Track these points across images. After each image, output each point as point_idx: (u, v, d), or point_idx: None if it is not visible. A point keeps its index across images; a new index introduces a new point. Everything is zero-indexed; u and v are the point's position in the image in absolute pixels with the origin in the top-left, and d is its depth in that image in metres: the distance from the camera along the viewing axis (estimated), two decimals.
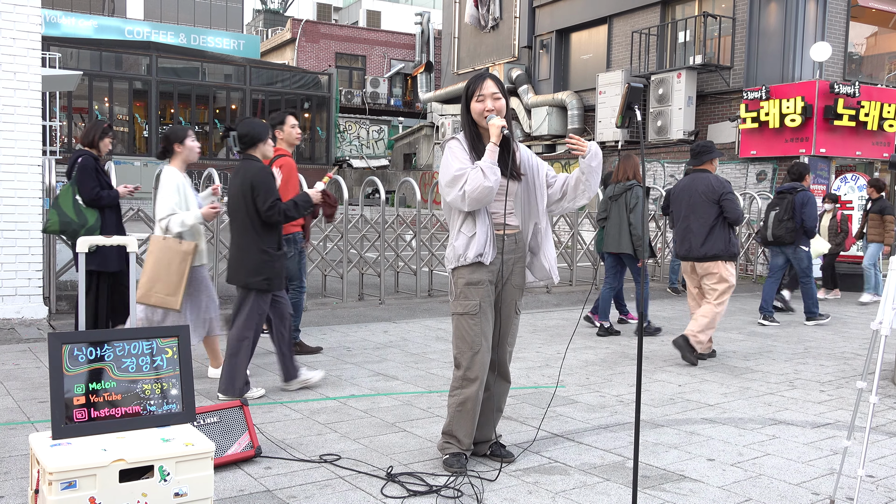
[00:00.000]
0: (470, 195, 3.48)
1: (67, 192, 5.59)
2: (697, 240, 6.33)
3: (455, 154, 3.61)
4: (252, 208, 4.66)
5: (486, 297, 3.64)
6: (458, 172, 3.53)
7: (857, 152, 13.61)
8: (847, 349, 7.21)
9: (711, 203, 6.29)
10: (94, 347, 3.00)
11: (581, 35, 19.60)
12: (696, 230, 6.34)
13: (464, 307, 3.63)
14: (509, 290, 3.75)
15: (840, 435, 4.41)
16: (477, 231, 3.59)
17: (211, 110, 27.19)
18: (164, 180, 5.04)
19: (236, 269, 4.75)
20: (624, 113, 3.51)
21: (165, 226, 4.96)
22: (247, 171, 4.70)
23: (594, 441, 4.22)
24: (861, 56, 16.35)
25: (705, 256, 6.31)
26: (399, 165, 28.11)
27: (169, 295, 4.91)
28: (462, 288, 3.64)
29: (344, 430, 4.31)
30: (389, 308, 9.01)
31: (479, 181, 3.47)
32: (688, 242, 6.41)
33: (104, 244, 4.30)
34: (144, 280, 4.90)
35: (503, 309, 3.76)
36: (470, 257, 3.59)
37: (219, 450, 3.62)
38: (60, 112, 22.52)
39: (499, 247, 3.65)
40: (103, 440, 2.84)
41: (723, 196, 6.27)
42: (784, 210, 8.47)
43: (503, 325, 3.77)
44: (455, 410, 3.70)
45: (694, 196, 6.38)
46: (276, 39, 34.91)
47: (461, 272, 3.64)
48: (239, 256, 4.74)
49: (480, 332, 3.63)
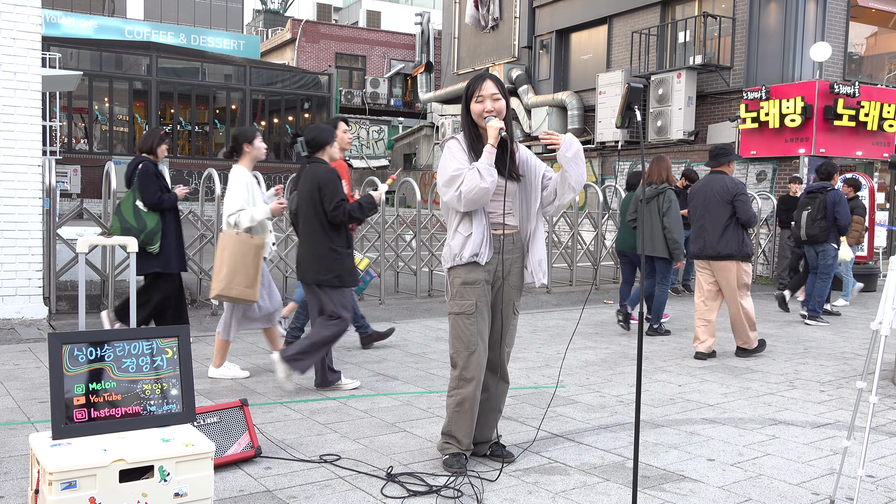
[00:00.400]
0: (466, 196, 3.49)
1: (128, 198, 5.80)
2: (712, 239, 6.52)
3: (453, 154, 3.61)
4: (320, 208, 4.84)
5: (483, 297, 3.64)
6: (455, 173, 3.53)
7: (857, 152, 13.61)
8: (847, 349, 7.21)
9: (725, 203, 6.47)
10: (95, 347, 3.00)
11: (581, 35, 19.60)
12: (710, 229, 6.53)
13: (460, 307, 3.63)
14: (507, 291, 3.75)
15: (840, 435, 4.41)
16: (473, 231, 3.59)
17: (211, 110, 27.19)
18: (233, 178, 5.26)
19: (307, 267, 4.94)
20: (624, 113, 3.51)
21: (234, 221, 5.17)
22: (315, 174, 4.88)
23: (594, 441, 4.23)
24: (861, 56, 16.36)
25: (719, 255, 6.49)
26: (399, 166, 28.11)
27: (248, 287, 5.16)
28: (458, 287, 3.64)
29: (344, 431, 4.31)
30: (389, 308, 9.01)
31: (476, 182, 3.47)
32: (702, 241, 6.60)
33: (104, 244, 4.33)
34: (224, 274, 5.08)
35: (501, 309, 3.76)
36: (466, 257, 3.59)
37: (219, 450, 3.62)
38: (60, 112, 22.54)
39: (496, 247, 3.66)
40: (103, 440, 2.85)
41: (736, 197, 6.45)
42: (816, 209, 8.53)
43: (501, 325, 3.76)
44: (453, 411, 3.70)
45: (709, 196, 6.57)
46: (276, 40, 34.92)
47: (457, 271, 3.64)
48: (309, 255, 4.92)
49: (477, 331, 3.63)
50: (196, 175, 25.15)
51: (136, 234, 5.59)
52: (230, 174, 5.30)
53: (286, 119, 28.29)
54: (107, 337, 3.05)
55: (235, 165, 5.38)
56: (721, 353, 6.84)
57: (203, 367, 5.66)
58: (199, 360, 5.86)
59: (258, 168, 4.84)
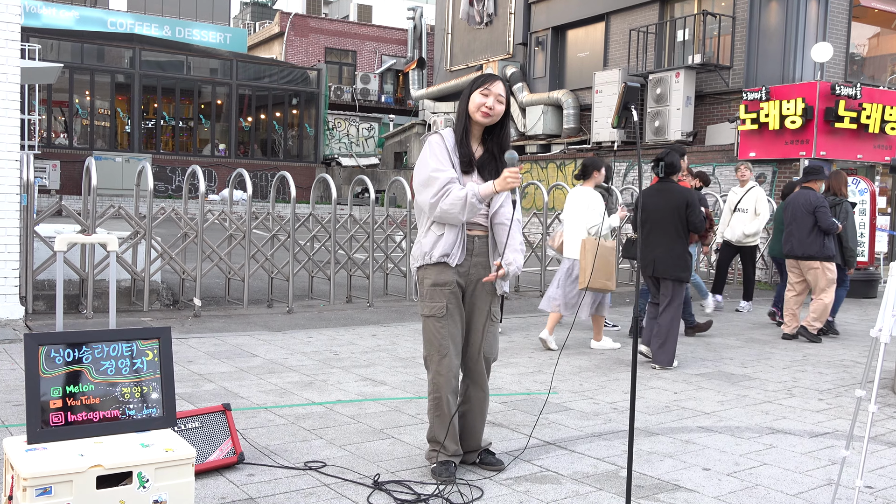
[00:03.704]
0: (441, 210, 3.47)
1: None
2: (797, 242, 7.98)
3: (434, 152, 3.55)
4: (685, 220, 6.25)
5: (454, 300, 3.61)
6: (435, 174, 3.48)
7: (858, 155, 13.69)
8: (846, 357, 7.24)
9: (809, 214, 7.89)
10: (72, 349, 2.99)
11: (577, 32, 19.65)
12: (797, 234, 7.99)
13: (430, 309, 3.61)
14: (481, 296, 3.70)
15: (839, 444, 4.43)
16: (447, 231, 3.56)
17: (196, 105, 27.11)
18: (585, 198, 7.00)
19: (671, 266, 6.31)
20: (620, 113, 3.52)
21: (596, 231, 6.84)
22: (679, 192, 6.36)
23: (587, 449, 4.23)
24: (863, 57, 16.46)
25: (803, 256, 7.97)
26: (389, 164, 28.11)
27: (608, 280, 6.83)
28: (428, 289, 3.62)
29: (330, 437, 4.30)
30: (378, 311, 9.01)
31: (456, 210, 3.44)
32: (790, 244, 8.09)
33: (83, 242, 4.31)
34: (592, 271, 6.64)
35: (475, 315, 3.71)
36: (435, 256, 3.56)
37: (200, 456, 3.60)
38: (39, 105, 22.44)
39: (470, 249, 3.63)
40: (80, 445, 2.83)
41: (816, 209, 7.84)
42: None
43: (473, 333, 3.72)
44: (434, 416, 3.70)
45: (796, 208, 8.01)
46: (263, 33, 34.84)
47: (427, 272, 3.62)
48: (672, 257, 6.31)
49: (448, 335, 3.61)
50: (179, 172, 25.07)
51: None
52: (578, 193, 7.06)
53: (273, 115, 28.24)
54: (85, 338, 3.04)
55: (581, 187, 7.13)
56: (718, 359, 6.86)
57: (185, 371, 5.65)
58: (181, 363, 5.84)
59: (246, 165, 4.82)
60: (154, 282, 8.35)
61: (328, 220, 9.58)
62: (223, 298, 9.13)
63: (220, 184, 25.11)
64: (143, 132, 26.04)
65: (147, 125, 26.25)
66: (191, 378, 5.49)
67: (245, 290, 8.56)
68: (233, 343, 6.83)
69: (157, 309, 8.27)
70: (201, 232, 8.21)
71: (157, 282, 8.47)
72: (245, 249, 8.54)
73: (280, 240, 9.44)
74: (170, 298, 8.67)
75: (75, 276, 7.81)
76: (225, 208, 9.25)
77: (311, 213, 9.82)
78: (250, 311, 8.49)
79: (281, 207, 17.71)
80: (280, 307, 8.81)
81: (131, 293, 8.36)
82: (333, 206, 9.34)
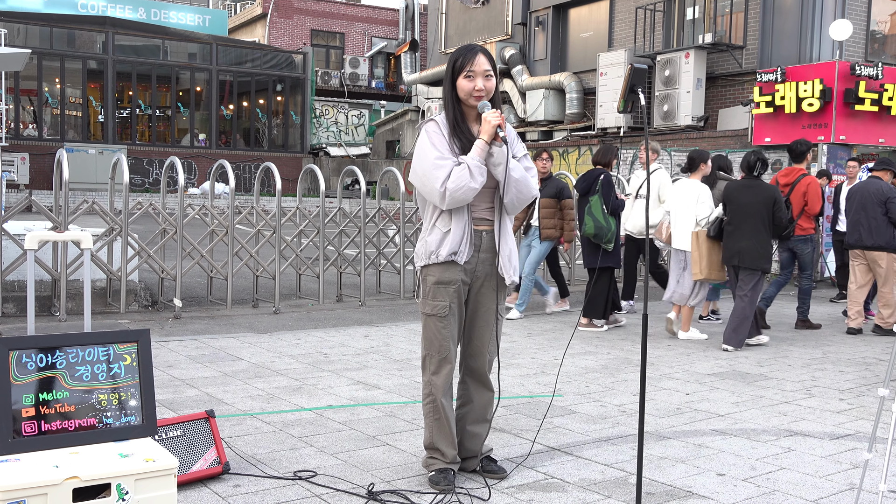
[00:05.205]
0: (452, 194, 3.45)
1: (598, 203, 7.86)
2: (866, 232, 8.16)
3: (432, 140, 3.56)
4: (771, 215, 7.16)
5: (457, 299, 3.63)
6: (439, 162, 3.49)
7: (880, 140, 13.71)
8: (868, 354, 7.27)
9: (879, 203, 8.10)
10: (45, 354, 2.99)
11: (580, 11, 19.64)
12: (864, 224, 8.17)
13: (432, 308, 3.63)
14: (487, 293, 3.73)
15: (861, 447, 4.45)
16: (453, 227, 3.57)
17: (174, 92, 27.07)
18: (694, 190, 7.60)
19: (758, 257, 7.15)
20: (626, 96, 3.53)
21: (706, 223, 7.47)
22: (767, 189, 7.29)
23: (594, 455, 4.25)
24: (885, 35, 16.46)
25: (871, 246, 8.15)
26: (381, 153, 28.10)
27: (721, 270, 7.50)
28: (431, 287, 3.62)
29: (321, 444, 4.31)
30: (370, 310, 9.02)
31: (465, 181, 3.44)
32: (857, 233, 8.26)
33: (56, 240, 4.31)
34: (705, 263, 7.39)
35: (481, 313, 3.74)
36: (443, 255, 3.57)
37: (182, 466, 3.61)
38: (6, 94, 22.36)
39: (477, 244, 3.64)
40: (55, 456, 2.84)
41: (889, 200, 8.07)
42: None
43: (480, 330, 3.74)
44: (432, 420, 3.71)
45: (865, 196, 8.20)
46: (245, 15, 34.78)
47: (432, 270, 3.62)
48: (760, 249, 7.15)
49: (450, 335, 3.63)
50: (157, 164, 25.04)
51: (605, 233, 7.82)
52: (686, 185, 7.68)
53: (256, 102, 28.21)
54: (58, 342, 3.04)
55: (687, 178, 7.75)
56: (733, 357, 6.89)
57: (165, 376, 5.65)
58: (161, 368, 5.85)
59: (228, 156, 4.83)
60: (131, 281, 8.35)
61: (316, 213, 9.59)
62: (205, 299, 9.13)
63: (200, 176, 25.09)
64: (118, 122, 25.99)
65: (122, 114, 26.20)
66: (172, 383, 5.50)
67: (228, 290, 8.57)
68: (216, 346, 6.83)
69: (134, 310, 8.27)
70: (181, 228, 8.21)
71: (134, 281, 8.47)
72: (228, 246, 8.54)
73: (265, 235, 9.44)
74: (148, 299, 8.67)
75: (47, 276, 7.81)
76: (206, 202, 9.25)
77: (297, 207, 9.82)
78: (234, 312, 8.49)
79: (266, 201, 17.71)
80: (266, 307, 8.82)
81: (107, 294, 8.36)
82: (322, 199, 9.34)
